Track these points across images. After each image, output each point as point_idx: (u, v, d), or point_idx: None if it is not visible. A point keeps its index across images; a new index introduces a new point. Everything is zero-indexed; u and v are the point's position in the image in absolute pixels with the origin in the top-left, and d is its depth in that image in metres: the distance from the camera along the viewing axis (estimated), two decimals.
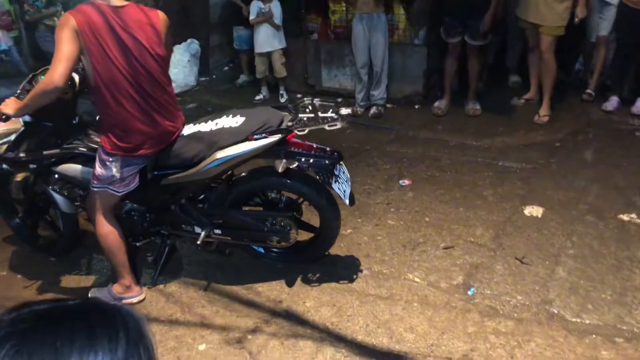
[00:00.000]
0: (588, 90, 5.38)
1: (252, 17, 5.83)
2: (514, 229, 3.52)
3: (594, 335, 2.62)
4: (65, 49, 2.43)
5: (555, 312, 2.79)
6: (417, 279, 3.10)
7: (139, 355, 0.70)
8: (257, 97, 6.09)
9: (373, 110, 5.54)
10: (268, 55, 5.97)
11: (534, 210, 3.70)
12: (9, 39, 6.79)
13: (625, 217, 3.55)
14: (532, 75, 5.38)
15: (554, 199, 3.84)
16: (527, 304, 2.85)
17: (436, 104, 5.52)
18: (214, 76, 7.11)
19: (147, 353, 0.71)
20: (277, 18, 5.79)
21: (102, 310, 0.72)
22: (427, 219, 3.69)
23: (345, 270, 3.20)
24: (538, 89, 5.34)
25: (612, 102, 5.14)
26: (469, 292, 2.96)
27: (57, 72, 2.42)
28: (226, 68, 7.28)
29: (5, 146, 3.00)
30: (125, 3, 2.58)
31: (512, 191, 3.98)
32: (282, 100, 5.82)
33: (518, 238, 3.42)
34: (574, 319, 2.74)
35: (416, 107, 5.71)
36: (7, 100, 2.73)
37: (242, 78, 6.72)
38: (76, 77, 2.93)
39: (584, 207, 3.71)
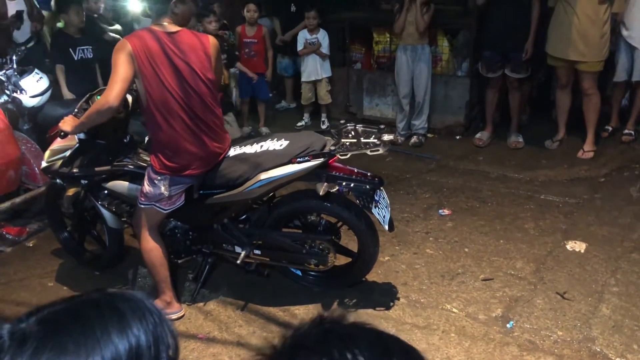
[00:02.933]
0: (627, 131, 5.22)
1: (299, 47, 5.90)
2: (555, 263, 3.45)
3: None
4: (120, 71, 2.56)
5: (598, 350, 2.71)
6: (455, 310, 3.06)
7: (162, 327, 0.78)
8: (299, 123, 6.19)
9: (414, 139, 5.57)
10: (314, 83, 6.04)
11: (576, 245, 3.62)
12: None
13: None
14: (560, 113, 5.24)
15: (597, 234, 3.76)
16: (569, 340, 2.78)
17: (478, 135, 5.51)
18: None
19: (169, 325, 0.79)
20: (325, 48, 5.85)
21: (122, 296, 0.79)
22: (466, 249, 3.66)
23: (382, 297, 3.19)
24: (566, 127, 5.24)
25: None
26: (508, 325, 2.91)
27: (113, 93, 2.55)
28: (270, 95, 7.44)
29: (60, 162, 3.15)
30: (179, 29, 2.71)
31: (554, 225, 3.92)
32: (323, 127, 5.89)
33: (559, 273, 3.35)
34: (617, 359, 2.65)
35: (457, 137, 5.70)
36: (65, 118, 2.89)
37: (283, 103, 6.85)
38: (129, 98, 3.07)
39: (629, 244, 3.62)
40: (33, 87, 4.41)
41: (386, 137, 2.84)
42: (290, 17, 6.20)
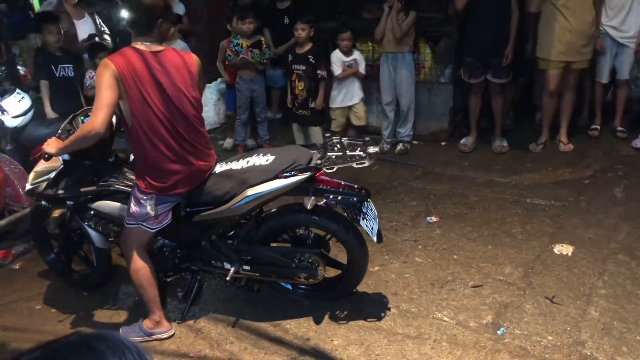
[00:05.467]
0: (619, 128, 5.38)
1: (337, 71, 5.28)
2: (543, 267, 3.48)
3: None
4: (105, 96, 2.52)
5: (588, 353, 2.73)
6: (445, 318, 3.07)
7: None
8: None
9: (399, 146, 5.60)
10: (349, 107, 5.45)
11: (563, 249, 3.66)
12: None
13: None
14: (546, 117, 5.35)
15: (584, 237, 3.79)
16: (559, 345, 2.80)
17: (462, 140, 5.55)
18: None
19: None
20: (363, 68, 5.37)
21: (100, 336, 0.80)
22: (455, 256, 3.67)
23: (372, 308, 3.19)
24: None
25: None
26: (499, 332, 2.93)
27: (99, 119, 2.52)
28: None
29: (45, 183, 3.12)
30: (163, 48, 2.70)
31: (541, 229, 3.95)
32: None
33: (548, 277, 3.38)
34: None
35: (442, 144, 5.74)
36: (49, 140, 2.86)
37: (269, 114, 6.83)
38: (113, 118, 3.05)
39: (615, 245, 3.66)
40: (15, 108, 4.38)
41: (372, 149, 2.85)
42: (283, 30, 6.08)
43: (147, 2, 2.60)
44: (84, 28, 5.23)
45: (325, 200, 2.86)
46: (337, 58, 5.29)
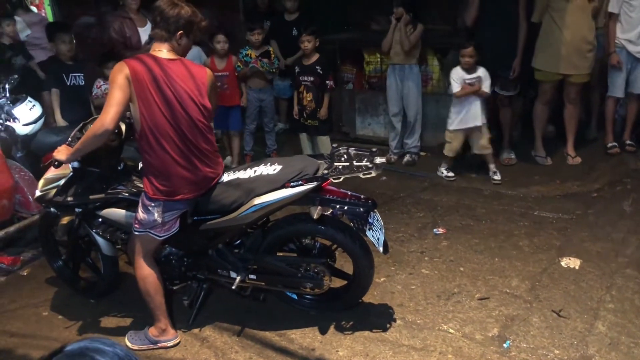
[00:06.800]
0: (628, 142, 5.36)
1: (455, 88, 4.88)
2: (550, 280, 3.46)
3: None
4: (116, 95, 2.60)
5: None
6: (451, 330, 3.06)
7: None
8: (443, 173, 5.22)
9: (407, 158, 5.61)
10: (468, 130, 4.98)
11: (571, 262, 3.64)
12: None
13: None
14: (536, 125, 5.35)
15: (591, 250, 3.77)
16: (565, 359, 2.78)
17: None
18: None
19: None
20: (487, 87, 4.87)
21: (96, 348, 0.82)
22: (461, 268, 3.66)
23: (378, 319, 3.19)
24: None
25: None
26: (505, 345, 2.91)
27: (109, 116, 2.59)
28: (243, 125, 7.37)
29: (54, 190, 3.15)
30: (176, 57, 2.75)
31: (548, 242, 3.93)
32: (496, 177, 5.00)
33: (555, 290, 3.36)
34: None
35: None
36: (59, 147, 2.90)
37: (280, 125, 6.86)
38: (122, 126, 3.09)
39: (623, 259, 3.63)
40: (26, 115, 4.43)
41: (378, 160, 2.86)
42: (292, 42, 5.93)
43: (170, 12, 2.67)
44: (145, 36, 5.22)
45: (331, 210, 2.87)
46: (458, 76, 4.86)
